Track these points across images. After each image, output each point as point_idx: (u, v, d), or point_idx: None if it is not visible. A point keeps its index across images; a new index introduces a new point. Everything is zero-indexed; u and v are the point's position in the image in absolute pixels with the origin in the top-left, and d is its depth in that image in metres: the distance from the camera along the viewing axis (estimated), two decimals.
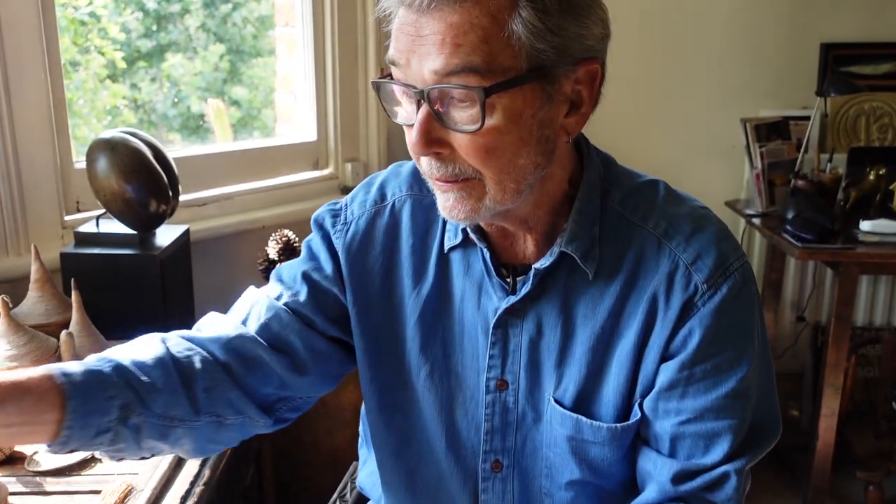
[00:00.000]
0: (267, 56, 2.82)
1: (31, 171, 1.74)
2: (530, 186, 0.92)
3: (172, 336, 1.02)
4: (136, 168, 1.60)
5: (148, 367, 0.94)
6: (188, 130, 2.84)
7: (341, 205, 1.12)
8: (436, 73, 0.83)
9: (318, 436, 2.14)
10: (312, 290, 1.08)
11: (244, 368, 1.02)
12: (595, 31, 0.88)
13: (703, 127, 3.06)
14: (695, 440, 0.96)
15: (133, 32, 2.69)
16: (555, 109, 0.89)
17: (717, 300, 0.94)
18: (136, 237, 1.66)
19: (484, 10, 0.81)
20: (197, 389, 0.98)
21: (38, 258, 1.43)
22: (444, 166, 0.89)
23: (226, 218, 2.16)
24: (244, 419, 1.03)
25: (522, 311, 1.01)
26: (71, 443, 0.87)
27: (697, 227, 0.97)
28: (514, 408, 1.03)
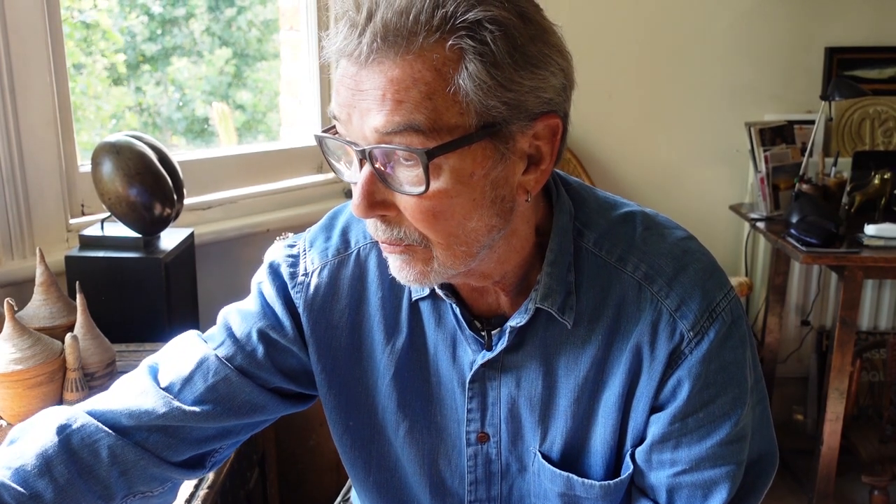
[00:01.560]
0: (271, 60, 2.83)
1: (37, 174, 1.75)
2: (486, 248, 0.85)
3: (77, 419, 0.93)
4: (140, 171, 1.60)
5: (31, 477, 0.87)
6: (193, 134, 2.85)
7: (299, 251, 1.04)
8: (377, 131, 0.76)
9: (321, 440, 2.14)
10: (270, 349, 1.00)
11: (171, 444, 0.96)
12: (553, 83, 0.80)
13: (707, 131, 3.06)
14: (692, 490, 0.93)
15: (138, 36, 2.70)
16: (510, 168, 0.81)
17: (704, 347, 0.89)
18: (140, 240, 1.66)
19: (427, 64, 0.74)
20: (108, 477, 0.92)
21: (42, 261, 1.43)
22: (389, 229, 0.83)
23: (230, 221, 2.16)
24: (172, 484, 0.99)
25: (500, 364, 0.95)
26: None
27: (679, 268, 0.91)
28: (498, 459, 1.00)
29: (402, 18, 0.73)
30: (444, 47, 0.74)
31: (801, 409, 3.04)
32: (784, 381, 3.10)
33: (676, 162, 2.98)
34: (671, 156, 3.01)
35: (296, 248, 1.04)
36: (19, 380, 1.32)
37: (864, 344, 2.85)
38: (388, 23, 0.73)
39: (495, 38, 0.75)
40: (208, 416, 0.97)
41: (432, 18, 0.74)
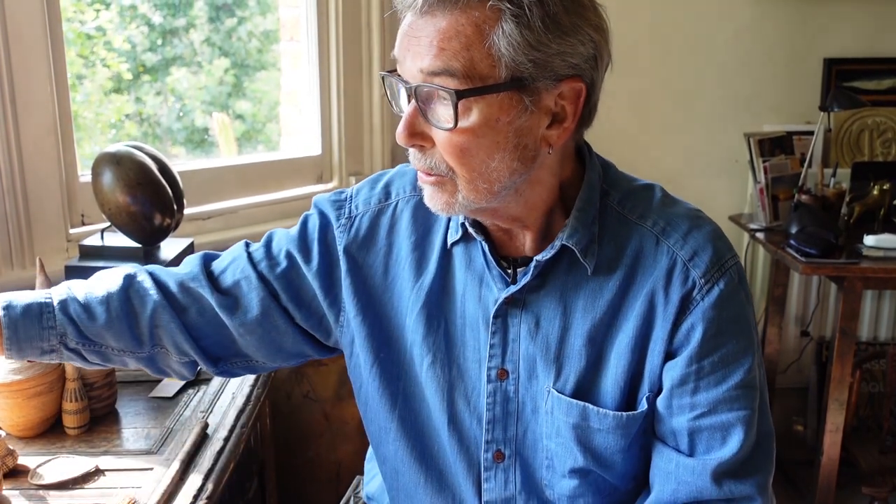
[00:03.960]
0: (271, 70, 2.83)
1: (37, 183, 1.75)
2: (507, 189, 0.96)
3: (143, 272, 1.14)
4: (141, 181, 1.60)
5: (94, 302, 1.10)
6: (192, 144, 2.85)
7: (346, 196, 1.16)
8: (421, 71, 0.90)
9: (320, 450, 2.14)
10: (291, 271, 1.13)
11: (198, 323, 1.13)
12: (581, 51, 0.92)
13: (706, 141, 3.06)
14: (711, 432, 1.00)
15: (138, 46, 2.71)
16: (534, 120, 0.93)
17: (715, 294, 0.99)
18: (140, 250, 1.66)
19: (470, 20, 0.87)
20: (143, 325, 1.11)
21: (42, 271, 1.43)
22: (423, 159, 0.96)
23: (230, 231, 2.16)
24: (190, 361, 1.15)
25: (522, 301, 1.05)
26: (18, 358, 1.09)
27: (694, 226, 1.02)
28: (515, 397, 1.07)
29: None
30: (485, 7, 0.87)
31: (800, 420, 3.03)
32: (784, 392, 3.09)
33: (675, 172, 2.98)
34: (670, 166, 3.01)
35: (344, 195, 1.17)
36: (19, 390, 1.32)
37: (863, 354, 2.85)
38: None
39: (531, 4, 0.87)
40: (228, 308, 1.12)
41: None
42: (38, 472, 1.24)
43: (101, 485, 1.23)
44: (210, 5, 2.75)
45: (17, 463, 1.26)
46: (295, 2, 2.48)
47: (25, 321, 1.06)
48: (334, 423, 2.11)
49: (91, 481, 1.24)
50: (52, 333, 1.08)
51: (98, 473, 1.26)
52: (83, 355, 1.11)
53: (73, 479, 1.23)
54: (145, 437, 1.37)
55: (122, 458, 1.30)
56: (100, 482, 1.24)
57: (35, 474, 1.24)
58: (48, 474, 1.24)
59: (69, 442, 1.36)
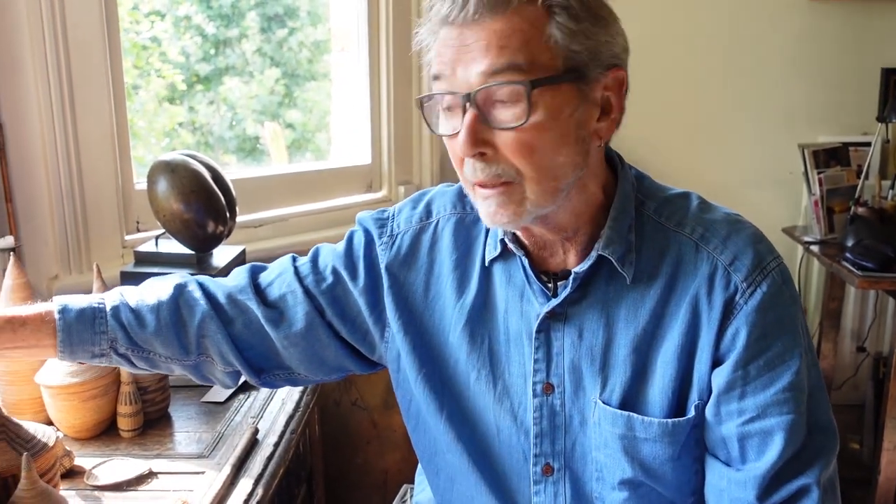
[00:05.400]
0: (321, 80, 2.86)
1: (94, 191, 1.78)
2: (567, 189, 0.96)
3: (193, 282, 1.16)
4: (194, 189, 1.62)
5: (145, 310, 1.12)
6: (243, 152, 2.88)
7: (388, 215, 1.18)
8: (482, 74, 0.90)
9: (368, 457, 2.14)
10: (337, 287, 1.15)
11: (244, 334, 1.15)
12: (619, 41, 0.95)
13: (759, 153, 3.02)
14: (762, 437, 0.98)
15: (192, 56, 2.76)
16: (589, 111, 0.95)
17: (758, 298, 0.98)
18: (193, 257, 1.69)
19: (523, 18, 0.89)
20: (190, 334, 1.13)
21: (99, 276, 1.46)
22: (487, 167, 0.94)
23: (280, 239, 2.18)
24: (234, 372, 1.17)
25: (564, 315, 1.05)
26: (70, 360, 1.12)
27: (732, 230, 1.01)
28: (562, 411, 1.06)
29: None
30: (536, 4, 0.89)
31: (856, 438, 2.96)
32: (839, 409, 3.01)
33: (727, 184, 2.93)
34: (722, 178, 2.97)
35: (386, 214, 1.18)
36: (75, 392, 1.35)
37: None
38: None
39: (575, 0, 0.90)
40: (273, 321, 1.14)
41: None
42: (93, 474, 1.27)
43: (153, 487, 1.25)
44: (262, 16, 2.79)
45: (74, 464, 1.28)
46: (346, 13, 2.51)
47: (79, 325, 1.09)
48: (382, 430, 2.11)
49: (144, 484, 1.25)
50: (103, 338, 1.10)
51: (151, 476, 1.27)
52: (132, 360, 1.14)
53: (127, 480, 1.25)
54: (197, 441, 1.39)
55: (174, 462, 1.32)
56: (153, 485, 1.25)
57: (90, 475, 1.26)
58: (103, 476, 1.26)
59: (123, 444, 1.38)
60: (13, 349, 1.07)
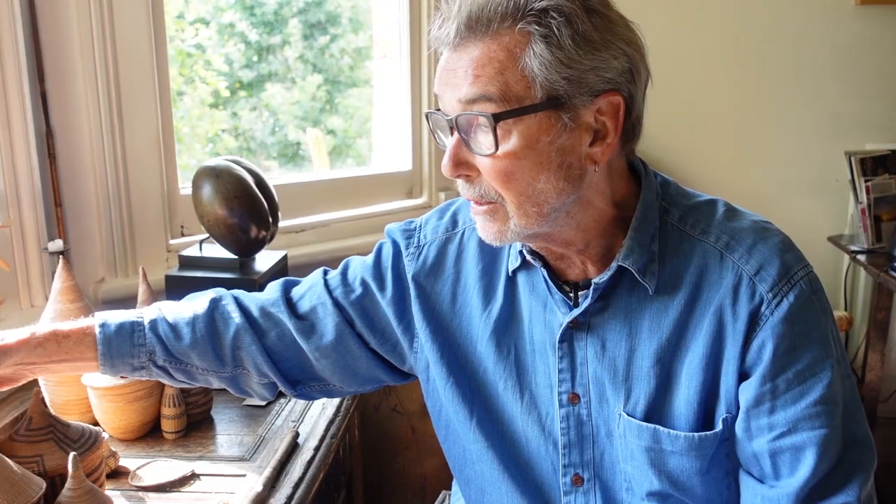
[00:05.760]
0: (362, 86, 2.88)
1: (141, 196, 1.82)
2: (557, 212, 0.96)
3: (228, 296, 1.19)
4: (238, 195, 1.64)
5: (182, 323, 1.15)
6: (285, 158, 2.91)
7: (415, 226, 1.19)
8: (459, 101, 0.92)
9: (406, 463, 2.14)
10: (366, 298, 1.17)
11: (278, 347, 1.17)
12: (615, 65, 0.92)
13: (804, 160, 2.97)
14: (794, 453, 0.95)
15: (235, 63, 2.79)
16: (575, 138, 0.93)
17: (784, 309, 0.95)
18: (236, 262, 1.71)
19: (501, 45, 0.89)
20: (225, 346, 1.16)
21: (145, 279, 1.48)
22: (471, 188, 0.97)
23: (322, 244, 2.20)
24: (270, 383, 1.19)
25: (587, 325, 1.04)
26: (112, 374, 1.13)
27: (759, 239, 0.99)
28: (589, 421, 1.06)
29: (482, 9, 0.90)
30: (514, 31, 0.89)
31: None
32: (886, 422, 2.96)
33: (771, 192, 2.89)
34: (765, 186, 2.93)
35: (413, 225, 1.20)
36: (121, 394, 1.37)
37: None
38: (471, 13, 0.90)
39: (559, 24, 0.88)
40: (305, 333, 1.16)
41: (507, 7, 0.89)
42: (137, 474, 1.29)
43: (196, 489, 1.26)
44: (304, 23, 2.82)
45: (119, 464, 1.30)
46: (388, 20, 2.52)
47: (118, 338, 1.12)
48: (421, 436, 2.11)
49: (187, 485, 1.27)
50: (142, 351, 1.13)
51: (194, 478, 1.29)
52: (170, 373, 1.16)
53: (171, 482, 1.27)
54: (239, 444, 1.40)
55: (216, 464, 1.33)
56: (195, 486, 1.27)
57: (135, 476, 1.28)
58: (147, 476, 1.28)
59: (167, 446, 1.40)
60: (57, 362, 1.09)
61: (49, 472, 1.12)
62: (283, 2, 2.79)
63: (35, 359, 1.07)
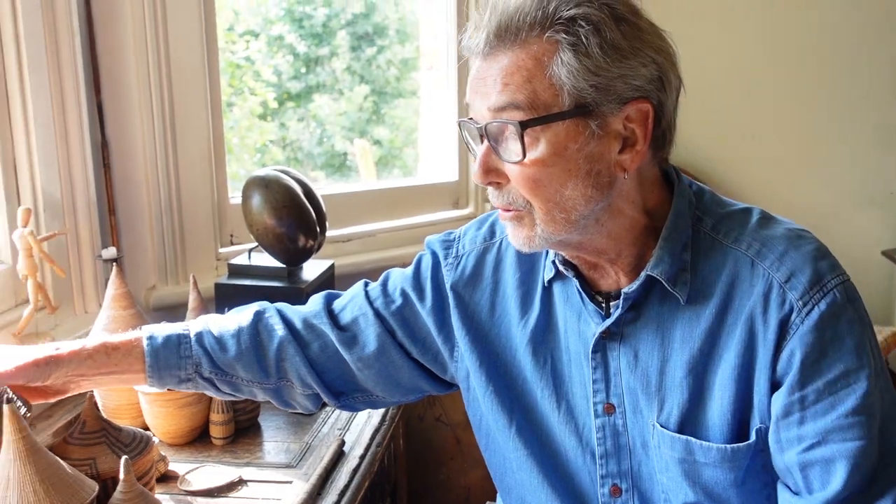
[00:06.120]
0: (409, 97, 2.90)
1: (192, 205, 1.85)
2: (586, 219, 0.96)
3: (272, 309, 1.22)
4: (287, 204, 1.66)
5: (227, 335, 1.17)
6: (331, 168, 2.94)
7: (454, 236, 1.21)
8: (489, 109, 0.93)
9: (451, 473, 2.14)
10: (406, 307, 1.19)
11: (321, 358, 1.19)
12: (643, 73, 0.92)
13: (858, 172, 2.91)
14: (824, 466, 0.92)
15: (283, 74, 2.83)
16: (604, 145, 0.93)
17: (815, 317, 0.93)
18: (284, 270, 1.72)
19: (529, 53, 0.91)
20: (270, 358, 1.18)
21: (195, 287, 1.50)
22: (500, 196, 0.98)
23: (368, 254, 2.21)
24: (314, 394, 1.20)
25: (619, 335, 1.04)
26: (160, 386, 1.15)
27: (791, 246, 0.97)
28: (625, 431, 1.05)
29: (511, 18, 0.91)
30: (542, 39, 0.90)
31: None
32: None
33: (824, 204, 2.84)
34: (818, 198, 2.87)
35: (452, 236, 1.22)
36: (171, 399, 1.39)
37: None
38: (500, 23, 0.91)
39: (587, 33, 0.89)
40: (347, 344, 1.18)
41: (535, 16, 0.90)
42: (186, 479, 1.30)
43: (243, 495, 1.28)
44: (352, 35, 2.85)
45: (168, 469, 1.32)
46: (435, 31, 2.53)
47: (165, 351, 1.14)
48: (465, 447, 2.11)
49: (234, 491, 1.29)
50: (188, 363, 1.16)
51: (241, 483, 1.30)
52: (216, 385, 1.18)
53: (219, 487, 1.28)
54: (285, 451, 1.42)
55: (263, 470, 1.35)
56: (242, 492, 1.28)
57: (184, 480, 1.30)
58: (195, 481, 1.30)
59: (215, 452, 1.42)
60: (106, 374, 1.12)
61: (101, 475, 1.14)
62: (332, 14, 2.82)
63: (85, 370, 1.09)
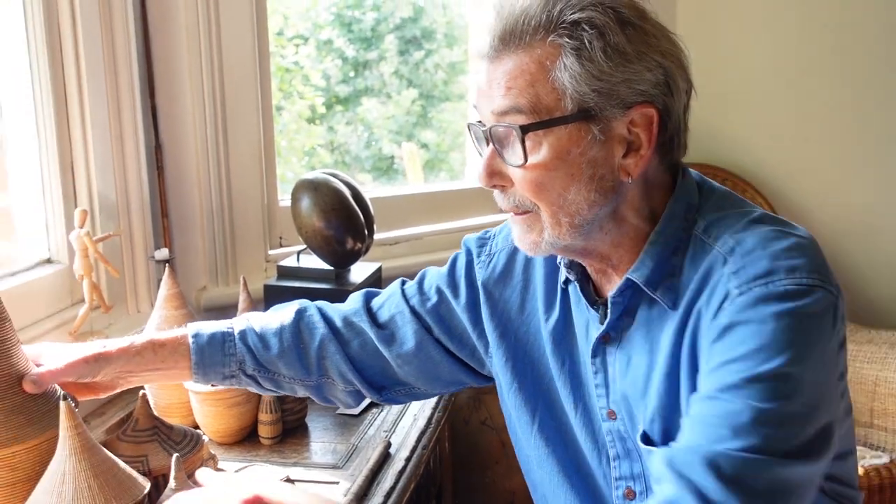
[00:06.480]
0: (455, 101, 2.91)
1: (242, 208, 1.87)
2: (590, 224, 0.96)
3: (313, 307, 1.24)
4: (336, 207, 1.67)
5: (269, 334, 1.20)
6: (379, 171, 2.96)
7: (490, 235, 1.23)
8: (493, 113, 0.94)
9: (496, 477, 2.14)
10: (442, 305, 1.21)
11: (361, 355, 1.21)
12: (648, 77, 0.91)
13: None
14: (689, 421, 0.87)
15: (332, 78, 2.86)
16: (607, 150, 0.93)
17: (741, 301, 0.87)
18: (332, 272, 1.74)
19: (532, 57, 0.91)
20: (311, 356, 1.20)
21: (245, 289, 1.52)
22: (506, 198, 0.98)
23: (415, 257, 2.22)
24: (355, 391, 1.23)
25: (617, 340, 1.03)
26: (205, 382, 1.19)
27: (762, 243, 0.91)
28: (628, 436, 1.04)
29: (517, 21, 0.91)
30: (546, 43, 0.90)
31: None
32: None
33: (881, 208, 2.76)
34: (875, 202, 2.80)
35: (488, 234, 1.23)
36: (221, 399, 1.41)
37: None
38: (506, 26, 0.92)
39: (591, 37, 0.89)
40: (386, 341, 1.21)
41: (540, 19, 0.90)
42: None
43: None
44: (400, 39, 2.87)
45: (217, 467, 1.34)
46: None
47: (210, 348, 1.17)
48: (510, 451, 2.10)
49: None
50: (232, 360, 1.19)
51: (288, 483, 1.31)
52: (259, 381, 1.21)
53: None
54: (332, 452, 1.43)
55: (310, 471, 1.36)
56: None
57: None
58: None
59: (263, 451, 1.44)
60: (153, 371, 1.15)
61: (153, 472, 1.16)
62: (381, 18, 2.85)
63: (133, 367, 1.13)
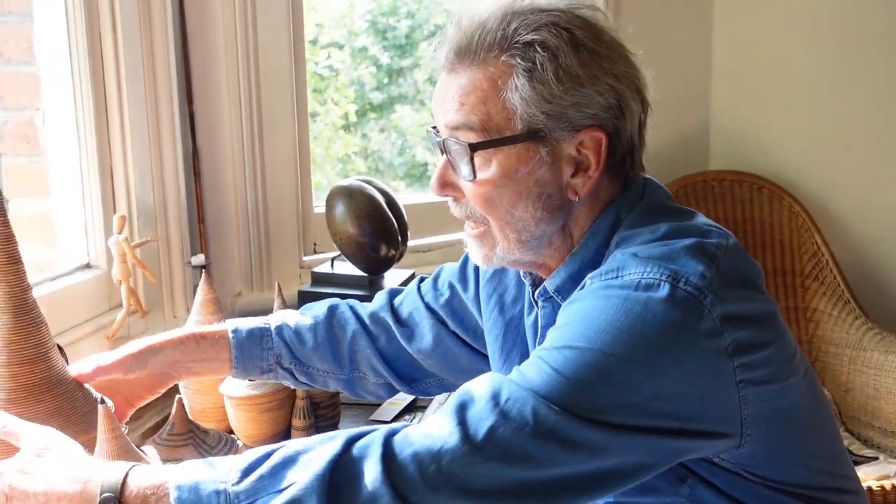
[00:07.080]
0: None
1: (277, 213, 1.89)
2: (537, 240, 0.97)
3: (344, 304, 1.29)
4: (370, 214, 1.68)
5: (304, 329, 1.25)
6: (412, 178, 2.97)
7: None
8: (446, 126, 0.95)
9: None
10: (454, 299, 1.24)
11: (389, 350, 1.26)
12: (599, 101, 0.92)
13: None
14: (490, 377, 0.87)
15: (366, 85, 2.87)
16: (555, 170, 0.94)
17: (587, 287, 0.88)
18: (366, 279, 1.74)
19: (486, 75, 0.92)
20: (343, 350, 1.25)
21: (280, 294, 1.53)
22: (458, 208, 1.01)
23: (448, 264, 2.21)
24: (386, 383, 1.28)
25: None
26: (244, 376, 1.25)
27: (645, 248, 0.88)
28: None
29: (472, 37, 0.92)
30: (499, 62, 0.91)
31: None
32: None
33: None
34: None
35: None
36: (254, 404, 1.42)
37: None
38: (461, 41, 0.93)
39: (543, 59, 0.90)
40: (406, 337, 1.25)
41: (495, 37, 0.91)
42: None
43: None
44: None
45: None
46: None
47: (249, 343, 1.22)
48: None
49: None
50: (270, 354, 1.23)
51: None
52: (295, 375, 1.26)
53: None
54: None
55: None
56: None
57: None
58: None
59: None
60: (197, 361, 1.20)
61: None
62: (415, 25, 2.85)
63: (178, 356, 1.17)
